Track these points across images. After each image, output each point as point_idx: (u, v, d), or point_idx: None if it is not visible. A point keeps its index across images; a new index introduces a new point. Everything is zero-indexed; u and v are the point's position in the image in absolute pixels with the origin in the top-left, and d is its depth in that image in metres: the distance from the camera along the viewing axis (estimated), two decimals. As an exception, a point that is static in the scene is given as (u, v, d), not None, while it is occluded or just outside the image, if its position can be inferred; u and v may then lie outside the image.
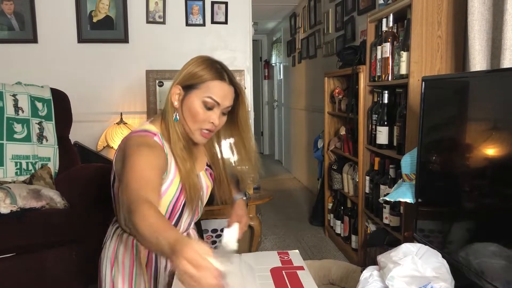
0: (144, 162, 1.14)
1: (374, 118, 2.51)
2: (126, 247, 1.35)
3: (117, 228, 1.39)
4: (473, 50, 1.70)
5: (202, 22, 3.40)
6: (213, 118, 1.26)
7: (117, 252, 1.36)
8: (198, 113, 1.25)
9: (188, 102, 1.26)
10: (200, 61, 1.29)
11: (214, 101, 1.25)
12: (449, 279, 1.28)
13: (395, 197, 1.73)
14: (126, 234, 1.36)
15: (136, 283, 1.34)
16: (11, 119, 2.57)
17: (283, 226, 3.91)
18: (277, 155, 7.70)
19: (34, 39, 3.17)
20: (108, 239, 1.40)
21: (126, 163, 1.15)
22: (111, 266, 1.37)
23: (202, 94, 1.25)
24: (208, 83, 1.25)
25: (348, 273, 2.22)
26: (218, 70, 1.27)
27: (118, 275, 1.35)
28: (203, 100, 1.25)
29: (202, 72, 1.26)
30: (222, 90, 1.26)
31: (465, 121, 1.44)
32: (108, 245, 1.39)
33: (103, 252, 1.41)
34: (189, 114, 1.26)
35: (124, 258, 1.35)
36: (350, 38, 3.62)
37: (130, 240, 1.35)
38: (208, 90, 1.25)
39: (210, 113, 1.26)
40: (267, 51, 8.38)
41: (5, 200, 2.13)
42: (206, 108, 1.25)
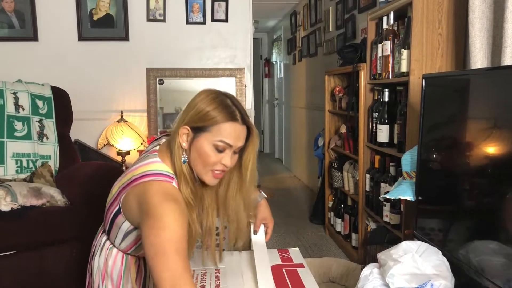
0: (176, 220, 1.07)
1: (375, 116, 2.51)
2: (115, 262, 1.33)
3: (106, 241, 1.36)
4: (474, 48, 1.70)
5: (202, 20, 3.40)
6: (225, 160, 1.19)
7: (106, 266, 1.33)
8: (209, 156, 1.18)
9: (198, 145, 1.18)
10: (210, 98, 1.19)
11: (226, 144, 1.18)
12: (449, 276, 1.28)
13: (396, 195, 1.73)
14: (116, 250, 1.33)
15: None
16: (12, 117, 2.57)
17: (284, 224, 3.91)
18: (278, 153, 7.71)
19: (34, 37, 3.17)
20: (98, 251, 1.37)
21: (155, 221, 1.07)
22: (102, 278, 1.34)
23: (213, 138, 1.17)
24: (220, 125, 1.16)
25: (348, 271, 2.22)
26: (230, 110, 1.18)
27: (108, 285, 1.34)
28: (214, 143, 1.17)
29: (213, 113, 1.16)
30: (234, 132, 1.18)
31: (465, 119, 1.44)
32: (98, 256, 1.36)
33: (94, 262, 1.38)
34: (199, 157, 1.19)
35: (113, 273, 1.33)
36: (350, 36, 3.62)
37: (119, 256, 1.33)
38: (220, 134, 1.17)
39: (222, 155, 1.19)
40: (267, 49, 8.37)
41: (5, 198, 2.14)
42: (217, 151, 1.18)
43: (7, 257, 2.10)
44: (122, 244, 1.30)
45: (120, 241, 1.30)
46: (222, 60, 3.47)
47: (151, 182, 1.15)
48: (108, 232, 1.32)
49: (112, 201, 1.27)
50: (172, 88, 3.35)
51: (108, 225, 1.30)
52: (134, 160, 1.35)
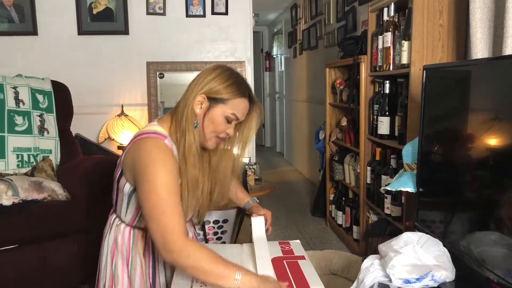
0: (164, 179, 1.20)
1: (376, 108, 2.50)
2: (123, 237, 1.41)
3: (115, 219, 1.45)
4: (475, 39, 1.69)
5: (202, 13, 3.39)
6: (230, 130, 1.35)
7: (116, 242, 1.42)
8: (220, 125, 1.32)
9: (213, 114, 1.31)
10: (228, 75, 1.33)
11: (235, 117, 1.33)
12: (450, 267, 1.28)
13: (397, 186, 1.72)
14: (124, 225, 1.42)
15: (131, 271, 1.40)
16: (12, 112, 2.57)
17: (285, 218, 3.92)
18: (279, 147, 7.70)
19: (34, 31, 3.16)
20: (108, 230, 1.46)
21: (146, 177, 1.21)
22: (112, 255, 1.42)
23: (228, 110, 1.31)
24: (235, 100, 1.31)
25: (349, 263, 2.23)
26: (244, 87, 1.34)
27: (118, 261, 1.41)
28: (227, 115, 1.31)
29: (231, 88, 1.31)
30: (245, 107, 1.35)
31: (466, 110, 1.43)
32: (108, 235, 1.45)
33: (104, 241, 1.46)
34: (211, 124, 1.32)
35: (122, 248, 1.41)
36: (351, 29, 3.60)
37: (127, 230, 1.41)
38: (234, 107, 1.32)
39: (228, 125, 1.34)
40: (268, 42, 8.35)
41: (7, 192, 2.14)
42: (227, 122, 1.33)
43: (9, 251, 2.11)
44: (127, 214, 1.38)
45: (125, 210, 1.38)
46: (222, 53, 3.46)
47: (145, 139, 1.28)
48: (115, 206, 1.42)
49: (117, 166, 1.37)
50: (172, 82, 3.35)
51: (115, 195, 1.40)
52: None
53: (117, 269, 1.41)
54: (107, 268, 1.43)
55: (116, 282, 1.41)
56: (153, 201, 1.19)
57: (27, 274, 2.14)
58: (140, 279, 1.40)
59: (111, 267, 1.42)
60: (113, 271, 1.42)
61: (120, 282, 1.40)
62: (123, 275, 1.41)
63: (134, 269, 1.40)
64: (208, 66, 1.38)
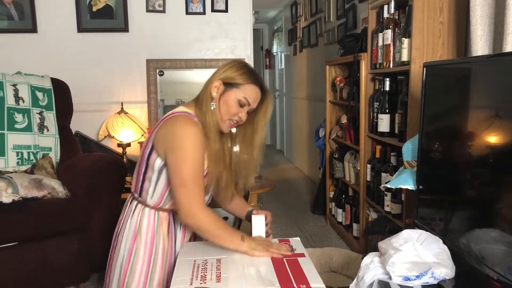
0: (195, 152, 1.40)
1: (376, 106, 2.50)
2: (148, 220, 1.52)
3: (137, 205, 1.55)
4: (475, 36, 1.69)
5: (202, 10, 3.38)
6: (242, 114, 1.50)
7: (139, 227, 1.52)
8: (232, 107, 1.48)
9: (227, 97, 1.49)
10: (242, 65, 1.53)
11: (247, 101, 1.49)
12: (450, 264, 1.28)
13: (397, 184, 1.72)
14: (148, 208, 1.52)
15: (155, 250, 1.51)
16: (12, 109, 2.57)
17: (285, 215, 3.92)
18: (279, 145, 7.70)
19: (33, 28, 3.16)
20: (129, 217, 1.55)
21: (179, 148, 1.39)
22: (133, 241, 1.51)
23: (240, 94, 1.48)
24: (247, 85, 1.49)
25: (349, 261, 2.23)
26: (255, 77, 1.52)
27: (140, 247, 1.51)
28: (239, 98, 1.48)
29: (244, 75, 1.49)
30: (256, 94, 1.51)
31: (466, 107, 1.43)
32: (129, 222, 1.54)
33: (123, 232, 1.55)
34: (225, 106, 1.49)
35: (148, 230, 1.51)
36: (351, 26, 3.59)
37: (152, 213, 1.52)
38: (245, 92, 1.48)
39: (241, 109, 1.50)
40: (268, 40, 8.34)
41: (6, 190, 2.14)
42: (239, 105, 1.49)
43: (8, 248, 2.11)
44: (154, 195, 1.50)
45: (152, 191, 1.50)
46: (222, 50, 3.46)
47: (178, 117, 1.47)
48: (140, 191, 1.53)
49: (146, 144, 1.51)
50: (172, 80, 3.34)
51: (141, 178, 1.51)
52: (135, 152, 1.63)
53: (137, 254, 1.50)
54: (125, 254, 1.52)
55: (133, 266, 1.50)
56: (185, 170, 1.38)
57: (27, 272, 2.14)
58: (161, 259, 1.52)
59: (130, 253, 1.51)
60: (132, 256, 1.51)
61: (140, 266, 1.50)
62: (144, 260, 1.50)
63: (157, 251, 1.51)
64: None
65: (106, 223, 2.35)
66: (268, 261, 1.36)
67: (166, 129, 1.44)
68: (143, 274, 1.50)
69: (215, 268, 1.31)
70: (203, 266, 1.33)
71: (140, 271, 1.50)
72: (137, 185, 1.54)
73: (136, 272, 1.50)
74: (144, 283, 1.50)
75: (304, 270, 1.30)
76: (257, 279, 1.24)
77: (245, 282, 1.23)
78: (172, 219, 1.55)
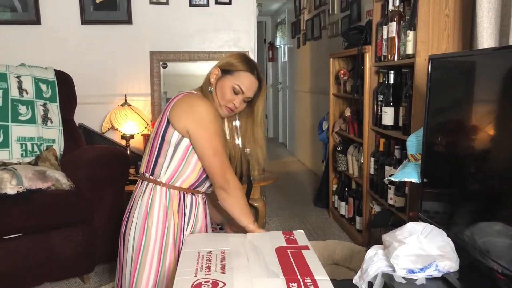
0: (218, 125, 1.53)
1: (380, 99, 2.49)
2: (160, 197, 1.56)
3: (148, 184, 1.59)
4: (481, 28, 1.67)
5: (205, 2, 3.37)
6: (236, 101, 1.58)
7: (151, 205, 1.56)
8: (226, 93, 1.57)
9: (222, 83, 1.58)
10: (240, 54, 1.62)
11: (240, 89, 1.56)
12: (454, 257, 1.28)
13: (401, 177, 1.72)
14: (159, 187, 1.57)
15: (168, 226, 1.55)
16: (16, 101, 2.57)
17: (288, 208, 3.92)
18: (281, 138, 7.70)
19: (37, 20, 3.15)
20: (139, 198, 1.59)
21: (206, 123, 1.50)
22: (144, 221, 1.55)
23: (233, 80, 1.56)
24: (240, 73, 1.56)
25: (352, 254, 2.23)
26: (250, 65, 1.58)
27: (152, 226, 1.54)
28: (233, 85, 1.56)
29: (238, 63, 1.57)
30: (249, 82, 1.57)
31: (472, 101, 1.42)
32: (140, 203, 1.58)
33: (134, 213, 1.58)
34: (220, 91, 1.58)
35: (159, 207, 1.56)
36: (355, 19, 3.57)
37: (163, 191, 1.57)
38: (239, 79, 1.56)
39: (235, 96, 1.57)
40: (271, 33, 8.31)
41: (11, 181, 2.15)
42: (233, 92, 1.56)
43: (13, 239, 2.12)
44: (168, 170, 1.56)
45: (167, 165, 1.55)
46: (225, 43, 3.45)
47: (192, 95, 1.57)
48: (153, 167, 1.58)
49: (159, 122, 1.57)
50: (175, 72, 3.34)
51: (155, 154, 1.57)
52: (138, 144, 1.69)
53: (149, 232, 1.54)
54: (136, 234, 1.55)
55: (146, 243, 1.54)
56: (217, 141, 1.50)
57: (31, 263, 2.16)
58: (173, 235, 1.56)
59: (142, 231, 1.54)
60: (144, 234, 1.54)
61: (153, 242, 1.54)
62: (156, 236, 1.54)
63: (169, 226, 1.56)
64: None
65: (110, 215, 2.36)
66: (272, 253, 1.36)
67: (184, 106, 1.53)
68: (156, 251, 1.54)
69: (220, 259, 1.32)
70: (207, 257, 1.34)
71: (153, 248, 1.54)
72: (149, 163, 1.59)
73: (149, 250, 1.53)
74: (158, 260, 1.54)
75: (309, 262, 1.30)
76: (261, 271, 1.24)
77: (250, 273, 1.23)
78: (182, 197, 1.60)
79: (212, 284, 1.17)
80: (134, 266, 1.55)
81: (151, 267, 1.54)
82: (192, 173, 1.58)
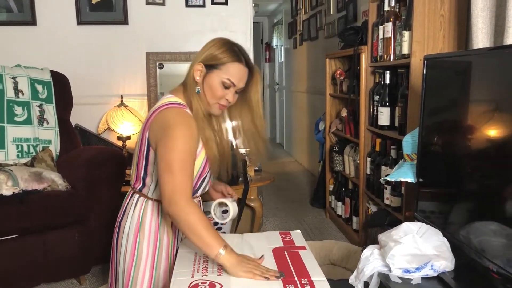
0: (185, 143, 1.34)
1: (376, 99, 2.49)
2: (152, 212, 1.49)
3: (139, 197, 1.51)
4: (476, 28, 1.68)
5: (202, 3, 3.37)
6: (228, 96, 1.44)
7: (142, 219, 1.49)
8: (217, 90, 1.42)
9: (209, 80, 1.43)
10: (221, 43, 1.44)
11: (231, 83, 1.42)
12: (450, 257, 1.28)
13: (396, 177, 1.73)
14: (151, 201, 1.49)
15: (159, 243, 1.49)
16: (12, 102, 2.56)
17: (285, 208, 3.93)
18: (278, 138, 7.70)
19: (33, 21, 3.14)
20: (130, 211, 1.51)
21: (169, 137, 1.33)
22: (135, 235, 1.48)
23: (222, 75, 1.41)
24: (228, 65, 1.41)
25: (349, 253, 2.24)
26: (237, 53, 1.43)
27: (143, 241, 1.48)
28: (222, 80, 1.41)
29: (223, 54, 1.41)
30: (239, 72, 1.43)
31: (467, 101, 1.43)
32: (131, 216, 1.50)
33: (125, 224, 1.51)
34: (209, 90, 1.43)
35: (151, 222, 1.49)
36: (351, 19, 3.58)
37: (155, 206, 1.49)
38: (228, 72, 1.41)
39: (227, 91, 1.43)
40: (268, 33, 8.31)
41: (7, 183, 2.14)
42: (224, 87, 1.42)
43: (9, 241, 2.11)
44: (156, 189, 1.47)
45: (155, 185, 1.46)
46: (222, 43, 3.44)
47: (169, 109, 1.41)
48: (143, 183, 1.49)
49: (141, 138, 1.46)
50: (172, 73, 3.33)
51: (142, 172, 1.48)
52: (135, 145, 1.55)
53: (141, 246, 1.48)
54: (128, 247, 1.49)
55: (138, 258, 1.48)
56: (173, 158, 1.31)
57: (27, 264, 2.15)
58: (166, 251, 1.50)
59: (134, 245, 1.48)
60: (136, 248, 1.48)
61: (144, 257, 1.48)
62: (148, 252, 1.48)
63: (161, 242, 1.49)
64: None
65: (106, 216, 2.35)
66: (269, 254, 1.36)
67: (157, 124, 1.39)
68: (148, 266, 1.48)
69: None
70: (204, 258, 1.34)
71: (145, 264, 1.48)
72: (137, 181, 1.50)
73: (141, 266, 1.48)
74: (150, 274, 1.49)
75: (305, 262, 1.30)
76: (257, 271, 1.24)
77: (246, 274, 1.23)
78: None
79: (209, 285, 1.17)
80: (127, 281, 1.49)
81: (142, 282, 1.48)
82: None
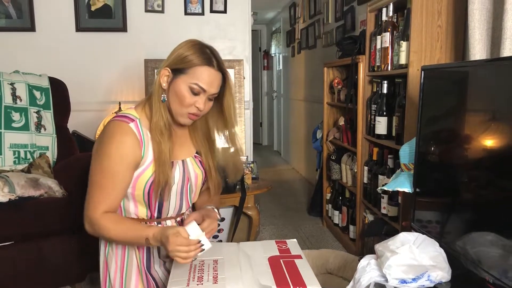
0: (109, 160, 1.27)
1: (373, 108, 2.50)
2: None
3: None
4: (473, 40, 1.69)
5: (201, 11, 3.38)
6: (198, 103, 1.29)
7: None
8: (185, 97, 1.28)
9: (176, 86, 1.29)
10: (190, 45, 1.31)
11: (200, 88, 1.28)
12: (446, 267, 1.28)
13: (393, 186, 1.73)
14: None
15: (128, 262, 1.43)
16: (9, 108, 2.56)
17: (281, 217, 3.92)
18: (276, 146, 7.70)
19: (32, 27, 3.15)
20: None
21: (97, 155, 1.29)
22: (105, 248, 1.46)
23: (189, 80, 1.27)
24: (196, 68, 1.27)
25: (346, 263, 2.23)
26: (207, 56, 1.29)
27: (112, 255, 1.45)
28: (190, 86, 1.27)
29: (191, 56, 1.27)
30: (209, 76, 1.28)
31: (464, 111, 1.43)
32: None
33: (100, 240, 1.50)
34: (176, 97, 1.29)
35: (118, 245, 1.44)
36: (350, 28, 3.60)
37: None
38: (195, 76, 1.27)
39: (196, 98, 1.29)
40: (266, 41, 8.34)
41: (3, 189, 2.13)
42: (192, 94, 1.28)
43: (4, 247, 2.10)
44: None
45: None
46: (220, 51, 3.34)
47: (110, 122, 1.32)
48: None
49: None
50: (170, 80, 3.34)
51: None
52: None
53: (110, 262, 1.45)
54: (100, 264, 1.48)
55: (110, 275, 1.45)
56: (92, 174, 1.29)
57: (23, 271, 2.14)
58: (136, 270, 1.43)
59: (105, 264, 1.47)
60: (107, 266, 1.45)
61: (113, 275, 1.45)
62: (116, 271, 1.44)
63: (130, 263, 1.44)
64: None
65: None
66: (265, 263, 1.36)
67: (94, 146, 1.35)
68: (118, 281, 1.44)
69: (212, 269, 1.31)
70: (199, 267, 1.33)
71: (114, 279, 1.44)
72: None
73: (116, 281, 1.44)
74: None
75: (301, 272, 1.30)
76: (253, 281, 1.24)
77: (242, 283, 1.23)
78: None
79: (204, 293, 1.16)
80: None
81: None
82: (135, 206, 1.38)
